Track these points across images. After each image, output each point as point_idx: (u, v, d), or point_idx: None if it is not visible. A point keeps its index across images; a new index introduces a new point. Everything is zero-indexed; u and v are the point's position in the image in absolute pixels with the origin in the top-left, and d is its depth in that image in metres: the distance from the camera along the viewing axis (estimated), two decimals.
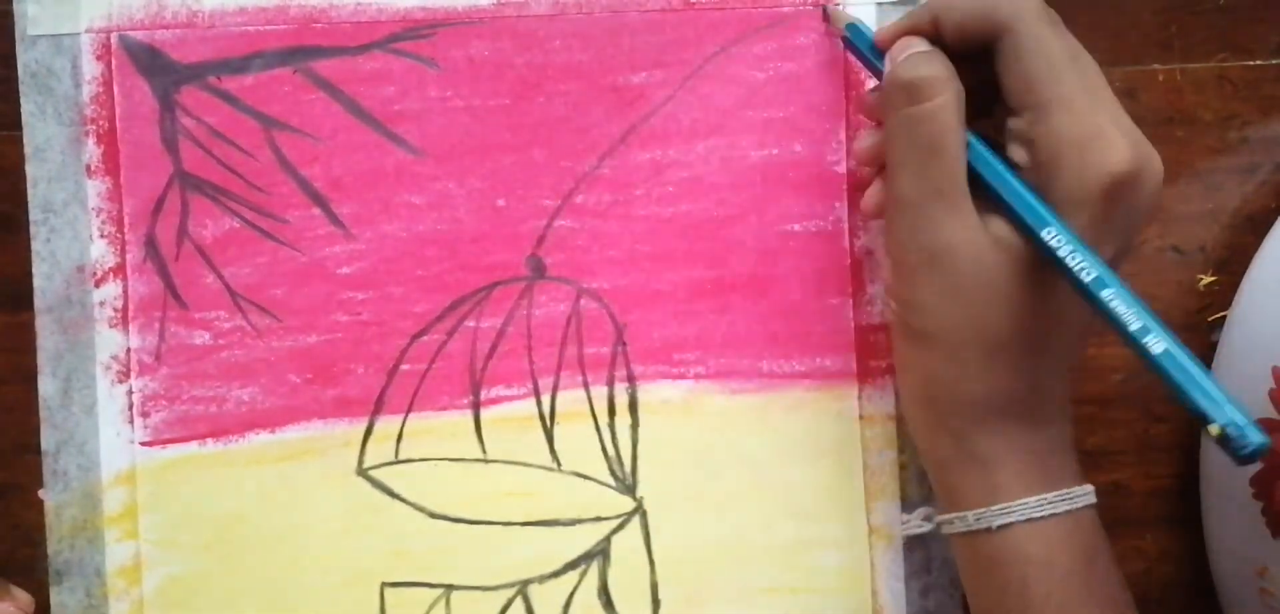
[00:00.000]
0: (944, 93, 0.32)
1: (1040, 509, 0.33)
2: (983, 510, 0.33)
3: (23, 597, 0.37)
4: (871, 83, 0.38)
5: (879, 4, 0.39)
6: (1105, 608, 0.33)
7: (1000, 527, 0.33)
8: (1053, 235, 0.31)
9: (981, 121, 0.34)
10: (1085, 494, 0.34)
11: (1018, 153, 0.33)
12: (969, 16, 0.33)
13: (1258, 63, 0.40)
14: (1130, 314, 0.30)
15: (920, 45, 0.34)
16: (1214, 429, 0.28)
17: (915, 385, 0.35)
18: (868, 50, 0.36)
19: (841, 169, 0.39)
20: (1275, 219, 0.39)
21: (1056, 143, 0.32)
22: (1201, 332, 0.40)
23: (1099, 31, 0.40)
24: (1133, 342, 0.30)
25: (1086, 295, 0.30)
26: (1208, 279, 0.40)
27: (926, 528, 0.37)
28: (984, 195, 0.33)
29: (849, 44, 0.37)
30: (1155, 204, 0.33)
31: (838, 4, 0.39)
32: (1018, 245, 0.32)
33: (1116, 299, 0.30)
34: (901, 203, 0.33)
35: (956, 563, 0.36)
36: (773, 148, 0.39)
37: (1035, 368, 0.33)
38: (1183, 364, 0.29)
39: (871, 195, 0.36)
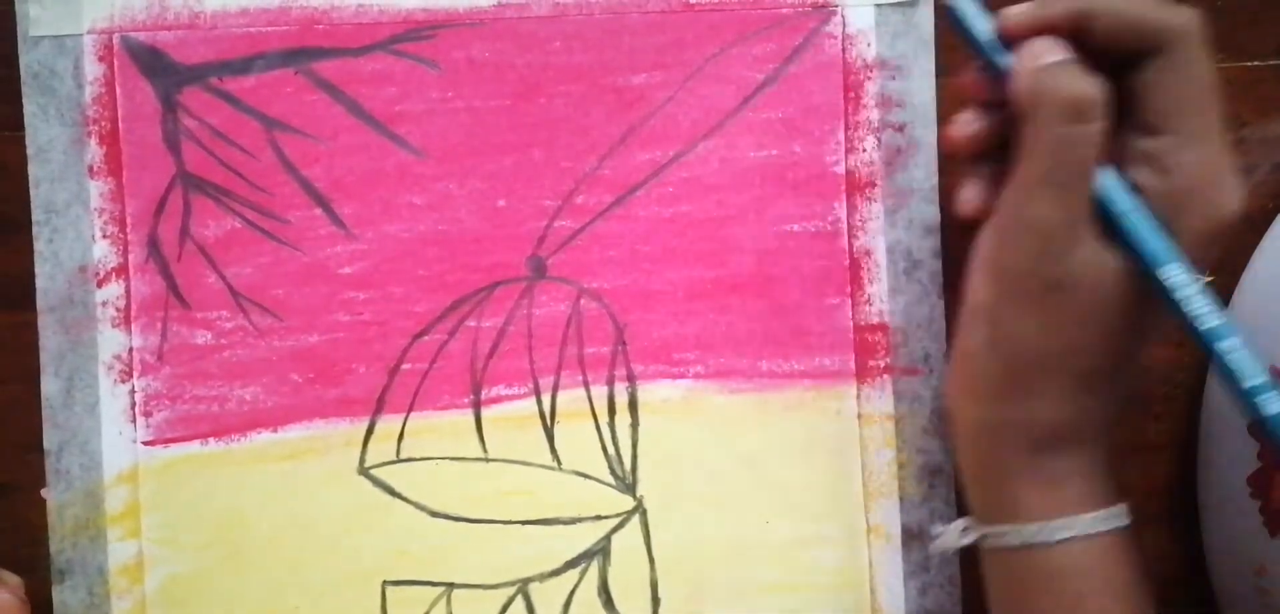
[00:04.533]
0: (1100, 118, 0.30)
1: (1097, 526, 0.32)
2: (1044, 524, 0.32)
3: (12, 579, 0.38)
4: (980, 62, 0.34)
5: (878, 5, 0.39)
6: None
7: (1060, 541, 0.32)
8: (1173, 276, 0.30)
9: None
10: (1125, 513, 0.33)
11: (1148, 177, 0.31)
12: (1126, 23, 0.31)
13: (1255, 63, 0.40)
14: (1248, 370, 0.29)
15: (1062, 51, 0.31)
16: None
17: (989, 403, 0.33)
18: (979, 34, 0.32)
19: (840, 169, 0.39)
20: (1273, 219, 0.39)
21: (1192, 177, 0.30)
22: None
23: None
24: (1242, 398, 0.28)
25: (1198, 341, 0.29)
26: (1206, 278, 0.40)
27: (967, 541, 0.35)
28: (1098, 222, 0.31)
29: (954, 17, 0.33)
30: None
31: None
32: (1126, 277, 0.31)
33: (1233, 353, 0.29)
34: (1031, 224, 0.31)
35: (989, 578, 0.35)
36: (772, 148, 0.39)
37: (1114, 393, 0.33)
38: None
39: (971, 194, 0.34)
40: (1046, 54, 0.31)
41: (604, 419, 0.39)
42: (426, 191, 0.39)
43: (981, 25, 0.32)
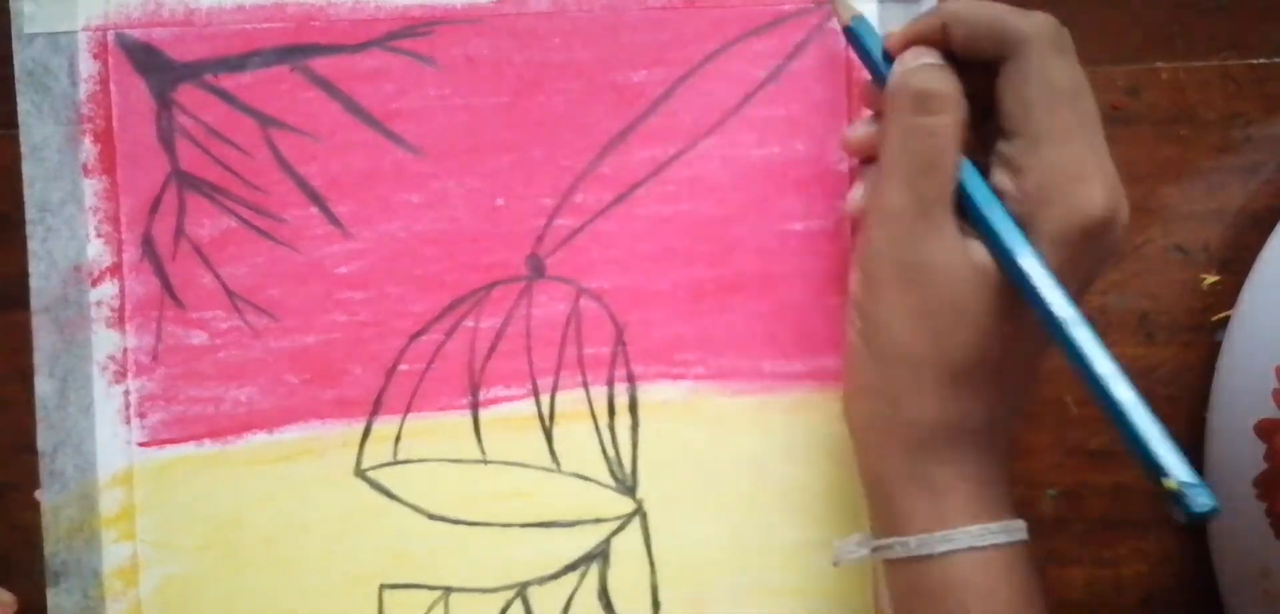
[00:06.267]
0: (950, 110, 0.32)
1: (984, 539, 0.32)
2: (925, 536, 0.32)
3: (5, 596, 0.37)
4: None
5: (880, 1, 0.39)
6: None
7: (943, 554, 0.32)
8: (1029, 263, 0.31)
9: (970, 136, 0.33)
10: (1021, 529, 0.33)
11: (1003, 179, 0.32)
12: (980, 29, 0.33)
13: (1261, 61, 0.40)
14: (1100, 357, 0.30)
15: (931, 56, 0.33)
16: (1170, 483, 0.28)
17: (870, 404, 0.34)
18: (870, 49, 0.36)
19: (843, 168, 0.39)
20: (1279, 218, 0.38)
21: (1045, 176, 0.31)
22: (1205, 331, 0.40)
23: (1102, 30, 0.40)
24: (1096, 385, 0.30)
25: (1055, 330, 0.30)
26: (1211, 278, 0.40)
27: (862, 553, 0.35)
28: (964, 219, 0.32)
29: (852, 37, 0.36)
30: (1118, 252, 0.33)
31: None
32: (992, 271, 0.32)
33: (1089, 341, 0.30)
34: (886, 212, 0.33)
35: (888, 587, 0.35)
36: (773, 147, 0.39)
37: (992, 397, 0.33)
38: (1145, 416, 0.29)
39: (857, 195, 0.36)
40: (913, 58, 0.33)
41: (604, 420, 0.39)
42: (424, 190, 0.38)
43: (873, 42, 0.36)
